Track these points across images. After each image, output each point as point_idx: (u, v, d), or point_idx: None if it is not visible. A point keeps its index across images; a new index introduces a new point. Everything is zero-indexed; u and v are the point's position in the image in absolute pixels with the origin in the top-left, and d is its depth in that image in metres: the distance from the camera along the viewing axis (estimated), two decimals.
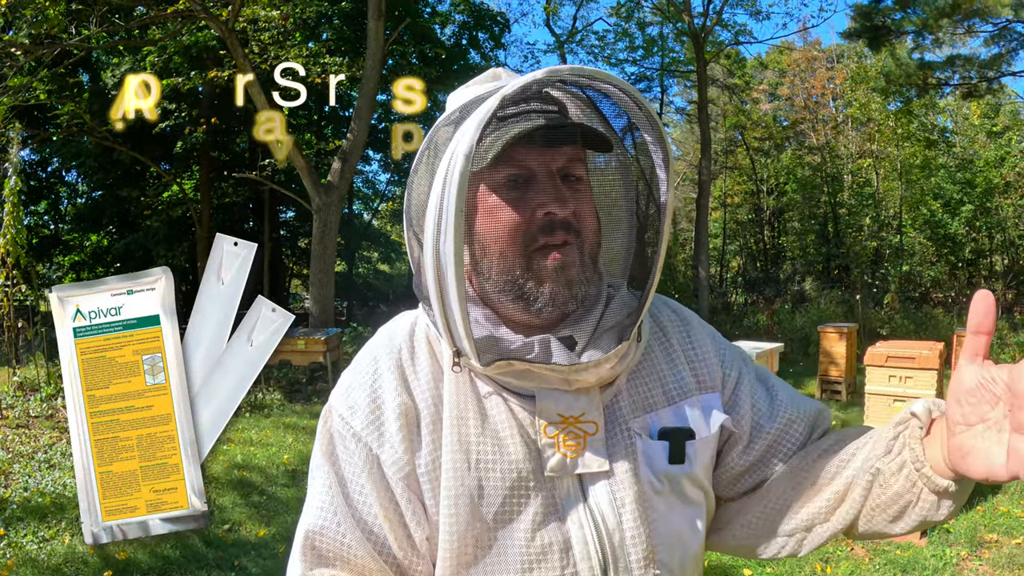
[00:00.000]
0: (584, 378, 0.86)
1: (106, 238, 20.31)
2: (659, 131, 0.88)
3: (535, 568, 0.85)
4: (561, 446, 0.87)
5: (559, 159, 0.87)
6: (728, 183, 26.55)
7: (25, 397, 8.82)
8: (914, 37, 13.27)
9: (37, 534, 4.70)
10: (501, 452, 0.87)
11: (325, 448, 0.92)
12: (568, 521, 0.86)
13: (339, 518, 0.87)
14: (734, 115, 24.03)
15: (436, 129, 0.90)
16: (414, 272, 0.93)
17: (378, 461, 0.88)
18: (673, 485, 0.91)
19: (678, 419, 0.93)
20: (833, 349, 9.45)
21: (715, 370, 1.00)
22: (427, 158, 0.90)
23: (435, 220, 0.82)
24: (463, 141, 0.79)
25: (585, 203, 0.89)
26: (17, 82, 8.33)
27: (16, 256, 8.69)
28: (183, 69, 12.75)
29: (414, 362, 0.93)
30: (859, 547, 4.43)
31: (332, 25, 15.14)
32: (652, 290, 0.90)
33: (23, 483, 5.74)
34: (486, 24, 18.38)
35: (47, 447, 6.85)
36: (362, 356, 0.97)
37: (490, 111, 0.79)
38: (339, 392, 0.95)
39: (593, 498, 0.87)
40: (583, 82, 0.87)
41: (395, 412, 0.89)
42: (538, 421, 0.87)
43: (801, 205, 23.07)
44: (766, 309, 16.09)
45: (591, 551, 0.86)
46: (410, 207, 0.92)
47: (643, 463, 0.90)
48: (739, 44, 19.26)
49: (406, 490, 0.87)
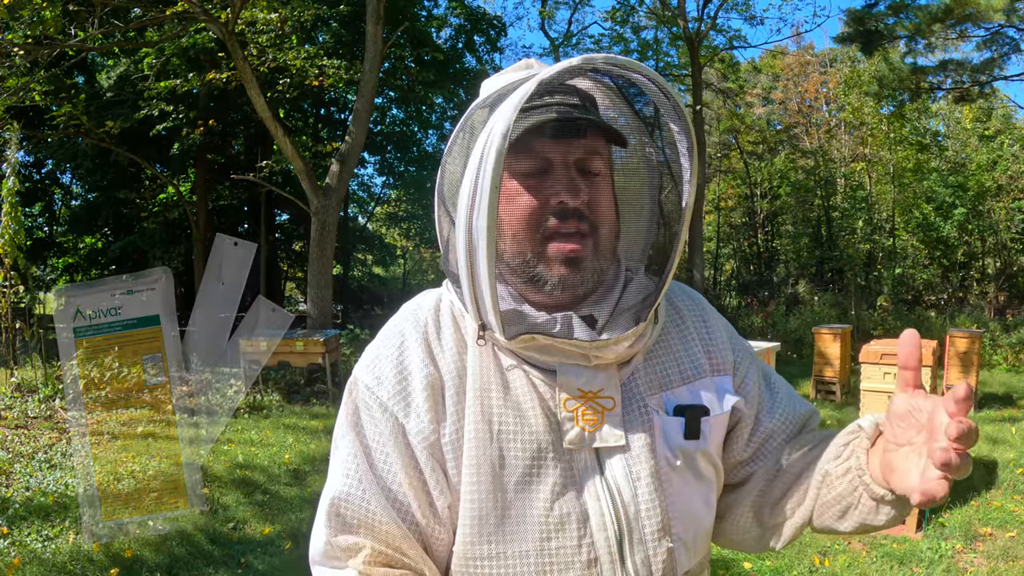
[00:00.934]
0: (603, 355, 0.90)
1: (101, 240, 20.20)
2: (685, 122, 0.92)
3: (553, 537, 0.87)
4: (580, 420, 0.90)
5: (576, 151, 0.91)
6: (722, 186, 26.63)
7: (23, 398, 8.81)
8: (907, 42, 13.37)
9: (41, 533, 4.73)
10: (522, 423, 0.89)
11: (350, 417, 0.94)
12: (585, 493, 0.89)
13: (364, 485, 0.89)
14: (728, 119, 24.13)
15: (471, 112, 0.94)
16: (442, 250, 0.98)
17: (404, 430, 0.90)
18: (688, 461, 0.94)
19: (693, 397, 0.97)
20: (827, 350, 9.53)
21: (727, 355, 1.04)
22: (461, 139, 0.94)
23: (469, 197, 0.85)
24: (500, 121, 0.83)
25: (599, 193, 0.93)
26: (14, 83, 8.31)
27: (14, 258, 8.68)
28: (181, 71, 12.75)
29: (440, 336, 0.95)
30: (856, 541, 4.50)
31: (330, 28, 15.16)
32: (670, 276, 0.94)
33: (25, 483, 5.76)
34: (482, 27, 18.44)
35: (47, 447, 6.85)
36: (388, 330, 0.99)
37: (527, 93, 0.82)
38: (365, 363, 0.97)
39: (610, 471, 0.90)
40: (615, 71, 0.91)
41: (422, 383, 0.91)
42: (559, 395, 0.90)
43: (794, 208, 23.17)
44: (760, 311, 16.17)
45: (607, 522, 0.88)
46: (443, 185, 0.96)
47: (660, 438, 0.92)
48: (733, 48, 19.35)
49: (430, 459, 0.89)
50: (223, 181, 18.06)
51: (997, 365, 11.84)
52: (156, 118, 13.37)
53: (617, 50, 20.03)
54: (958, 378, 8.57)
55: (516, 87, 0.88)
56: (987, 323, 13.62)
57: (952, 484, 0.75)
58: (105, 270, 20.23)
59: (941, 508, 4.89)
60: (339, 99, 18.41)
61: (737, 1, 17.58)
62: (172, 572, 4.14)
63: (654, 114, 0.96)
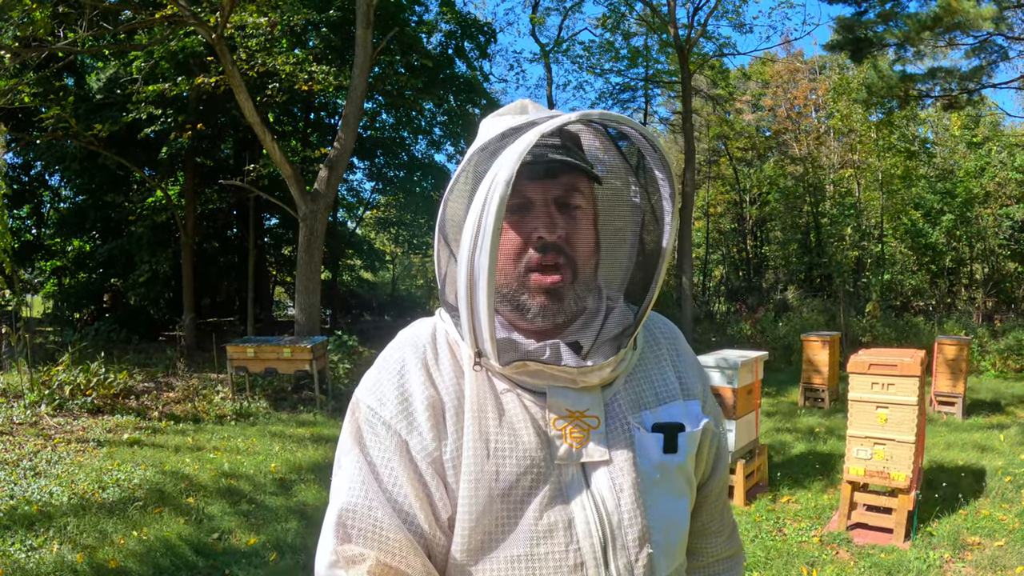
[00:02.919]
0: (589, 379, 0.98)
1: (89, 243, 20.04)
2: (669, 171, 1.01)
3: (542, 543, 0.93)
4: (568, 437, 0.97)
5: (555, 189, 0.99)
6: (711, 193, 26.75)
7: (8, 404, 8.70)
8: (896, 49, 13.42)
9: (25, 543, 4.63)
10: (516, 442, 0.96)
11: (354, 435, 0.99)
12: (572, 503, 0.95)
13: (370, 496, 0.93)
14: (717, 125, 24.22)
15: (473, 155, 1.00)
16: (439, 282, 1.05)
17: (407, 446, 0.95)
18: (666, 474, 1.01)
19: (668, 416, 1.05)
20: (816, 357, 9.56)
21: (696, 384, 1.14)
22: (463, 181, 1.01)
23: (472, 236, 0.92)
24: (504, 168, 0.90)
25: (577, 228, 1.00)
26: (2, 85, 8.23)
27: (1, 262, 8.59)
28: (170, 74, 12.66)
29: (438, 361, 1.01)
30: (844, 551, 4.49)
31: (319, 33, 15.11)
32: (649, 307, 1.03)
33: (8, 491, 5.65)
34: (472, 33, 18.43)
35: (32, 454, 6.74)
36: (387, 356, 1.04)
37: (529, 144, 0.89)
38: (366, 387, 1.02)
39: (595, 484, 0.97)
40: (608, 124, 1.00)
41: (423, 403, 0.97)
42: (548, 415, 0.98)
43: (783, 215, 23.30)
44: (749, 318, 16.21)
45: (592, 530, 0.95)
46: (444, 223, 1.03)
47: (640, 454, 1.00)
48: (723, 56, 19.42)
49: (433, 473, 0.95)
50: (212, 185, 17.97)
51: (985, 371, 11.91)
52: (144, 121, 13.27)
53: (607, 57, 20.11)
54: (947, 385, 8.60)
55: (515, 133, 0.96)
56: (975, 329, 13.71)
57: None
58: (93, 273, 20.09)
59: (929, 517, 4.90)
60: (328, 103, 18.37)
61: (727, 9, 17.68)
62: None
63: (639, 161, 1.05)
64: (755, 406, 6.02)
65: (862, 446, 4.75)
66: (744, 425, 5.74)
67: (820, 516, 5.17)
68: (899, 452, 4.60)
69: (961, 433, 7.61)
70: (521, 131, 0.96)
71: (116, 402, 9.24)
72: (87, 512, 5.19)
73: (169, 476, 6.12)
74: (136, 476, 6.13)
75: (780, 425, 8.35)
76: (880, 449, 4.67)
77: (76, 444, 7.27)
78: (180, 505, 5.38)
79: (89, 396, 9.02)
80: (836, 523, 4.91)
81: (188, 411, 9.13)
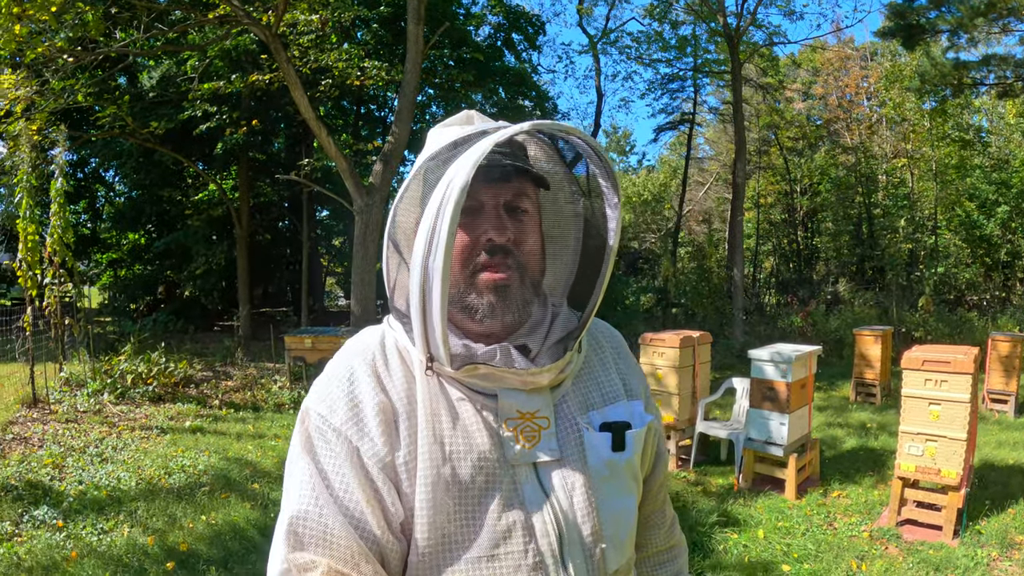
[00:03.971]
0: (537, 380, 1.00)
1: (144, 237, 20.61)
2: (615, 180, 1.05)
3: (501, 544, 0.95)
4: (520, 438, 0.99)
5: (505, 194, 1.01)
6: (762, 183, 26.32)
7: (72, 392, 9.04)
8: (949, 36, 13.10)
9: (96, 526, 4.80)
10: (471, 444, 0.97)
11: (304, 444, 0.98)
12: (527, 503, 0.98)
13: (320, 503, 0.93)
14: (768, 114, 23.80)
15: (423, 164, 1.02)
16: (389, 289, 1.07)
17: (358, 452, 0.95)
18: (614, 471, 1.05)
19: (615, 416, 1.08)
20: (868, 352, 9.45)
21: (639, 385, 1.18)
22: (414, 188, 1.04)
23: (426, 241, 0.94)
24: (459, 176, 0.91)
25: (525, 232, 1.03)
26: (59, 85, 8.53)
27: (63, 256, 8.92)
28: (224, 72, 12.96)
29: (388, 368, 1.02)
30: (893, 546, 4.50)
31: (370, 29, 15.29)
32: (593, 312, 1.06)
33: (77, 476, 5.88)
34: (520, 25, 18.43)
35: (98, 441, 7.00)
36: (336, 365, 1.05)
37: (484, 153, 0.92)
38: (315, 396, 1.02)
39: (547, 483, 0.99)
40: (558, 135, 1.03)
41: (374, 410, 0.97)
42: (500, 417, 1.00)
43: (835, 206, 22.83)
44: (800, 311, 16.01)
45: (548, 529, 0.97)
46: (395, 230, 1.05)
47: (590, 452, 1.03)
48: (773, 45, 19.09)
49: (384, 478, 0.95)
50: (265, 178, 18.32)
51: None
52: (199, 118, 13.60)
53: (656, 47, 19.92)
54: (1000, 383, 8.45)
55: (466, 142, 0.98)
56: None
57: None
58: (148, 266, 20.71)
59: (979, 515, 4.86)
60: (378, 97, 18.56)
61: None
62: (227, 566, 4.22)
63: (586, 170, 1.07)
64: (808, 400, 6.01)
65: (914, 442, 4.74)
66: (796, 419, 5.75)
67: (870, 511, 5.17)
68: (950, 449, 4.58)
69: (1013, 432, 7.49)
70: (472, 141, 0.98)
71: (177, 391, 9.57)
72: (155, 497, 5.39)
73: (233, 462, 6.34)
74: (200, 462, 6.35)
75: (832, 420, 8.30)
76: (931, 446, 4.65)
77: (140, 431, 7.54)
78: (246, 491, 5.57)
79: (150, 385, 9.33)
80: (886, 519, 4.91)
81: (247, 399, 9.41)
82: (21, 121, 8.48)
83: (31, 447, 6.72)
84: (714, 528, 4.80)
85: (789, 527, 4.88)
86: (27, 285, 8.49)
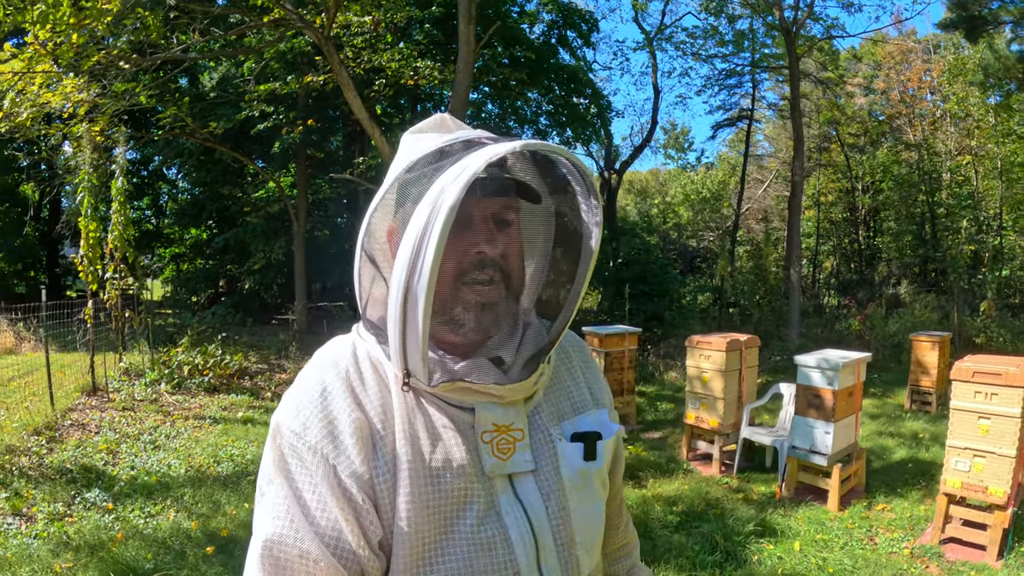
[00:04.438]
0: (513, 395, 1.02)
1: (206, 232, 21.23)
2: (597, 198, 1.04)
3: (482, 556, 0.96)
4: (496, 450, 1.00)
5: (493, 206, 1.01)
6: (822, 180, 25.67)
7: (130, 382, 9.40)
8: (1013, 28, 12.57)
9: (144, 510, 5.03)
10: (449, 458, 0.97)
11: (277, 463, 0.97)
12: (504, 514, 0.99)
13: (296, 526, 0.92)
14: (828, 110, 23.16)
15: (400, 175, 1.00)
16: (361, 300, 1.05)
17: (335, 470, 0.94)
18: (586, 480, 1.07)
19: (586, 426, 1.10)
20: (925, 358, 9.15)
21: (604, 394, 1.21)
22: (389, 199, 1.01)
23: (409, 261, 0.91)
24: (449, 195, 0.89)
25: (513, 245, 1.03)
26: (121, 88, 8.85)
27: (123, 251, 9.29)
28: (280, 74, 13.24)
29: (363, 381, 1.01)
30: (934, 565, 4.36)
31: (423, 29, 15.43)
32: (567, 325, 1.07)
33: (130, 462, 6.15)
34: (574, 22, 18.34)
35: (152, 429, 7.28)
36: (307, 378, 1.02)
37: (476, 172, 0.89)
38: (287, 411, 0.99)
39: (523, 494, 1.01)
40: (548, 155, 1.01)
41: (350, 427, 0.95)
42: (477, 430, 1.00)
43: (897, 204, 22.12)
44: (858, 313, 15.57)
45: (525, 539, 0.99)
46: (371, 243, 1.03)
47: (563, 462, 1.05)
48: (832, 38, 18.57)
49: (363, 495, 0.94)
50: (322, 176, 18.66)
51: None
52: (257, 118, 13.93)
53: (712, 42, 19.61)
54: None
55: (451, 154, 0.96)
56: None
57: None
58: (210, 260, 21.37)
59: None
60: (434, 95, 18.70)
61: None
62: None
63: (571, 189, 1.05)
64: (855, 409, 5.86)
65: (961, 457, 4.58)
66: (842, 428, 5.61)
67: (914, 527, 5.01)
68: (998, 466, 4.42)
69: None
70: (456, 153, 0.96)
71: (231, 382, 9.85)
72: (202, 484, 5.58)
73: None
74: (249, 452, 6.53)
75: (883, 428, 8.07)
76: (979, 462, 4.49)
77: (193, 420, 7.80)
78: None
79: (206, 376, 9.63)
80: (929, 536, 4.75)
81: None
82: (84, 123, 8.86)
83: (88, 433, 7.02)
84: (749, 538, 4.72)
85: (828, 540, 4.76)
86: (88, 279, 8.88)
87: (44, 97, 7.73)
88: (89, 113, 8.79)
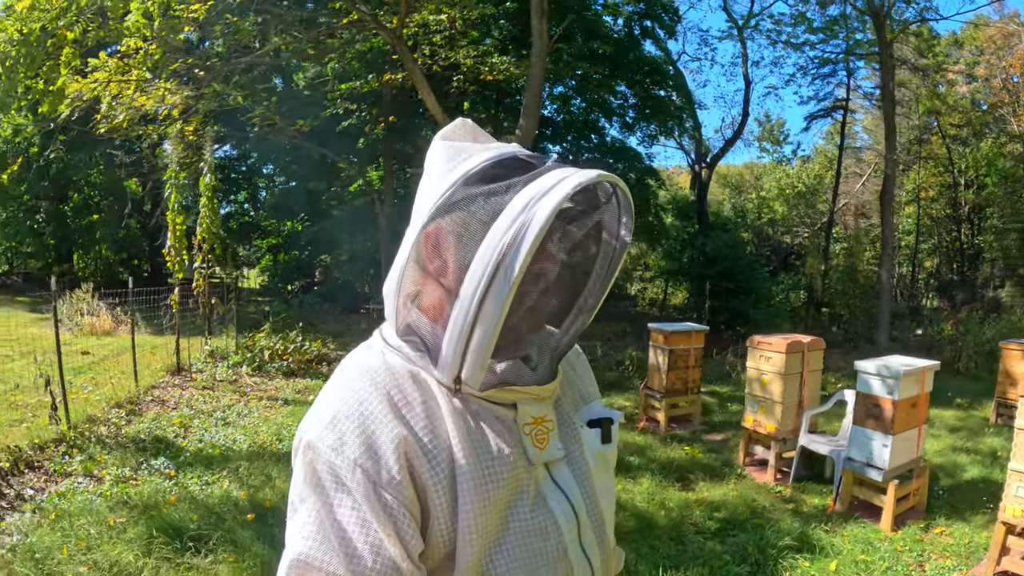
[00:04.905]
0: (548, 392, 1.12)
1: (300, 224, 22.19)
2: (631, 225, 1.10)
3: (535, 540, 1.05)
4: (535, 442, 1.09)
5: (557, 229, 1.07)
6: (923, 175, 24.16)
7: (214, 364, 9.99)
8: None
9: (202, 478, 5.39)
10: (502, 454, 1.04)
11: (310, 480, 0.96)
12: (549, 499, 1.08)
13: (325, 547, 0.92)
14: (928, 99, 21.76)
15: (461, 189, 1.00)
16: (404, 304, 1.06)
17: (375, 486, 0.93)
18: (603, 461, 1.18)
19: (596, 413, 1.21)
20: (1014, 368, 8.57)
21: (595, 385, 1.32)
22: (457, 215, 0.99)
23: (489, 272, 0.93)
24: (538, 220, 0.92)
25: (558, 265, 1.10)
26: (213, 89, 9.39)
27: (211, 243, 9.87)
28: (361, 72, 13.64)
29: (405, 396, 1.01)
30: None
31: (499, 25, 15.54)
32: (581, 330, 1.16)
33: (199, 436, 6.61)
34: (657, 13, 18.02)
35: (226, 407, 7.75)
36: (341, 392, 1.02)
37: (566, 196, 0.93)
38: (318, 426, 0.98)
39: (560, 478, 1.11)
40: (612, 183, 1.05)
41: (392, 443, 0.95)
42: (519, 425, 1.09)
43: (1002, 200, 20.58)
44: (951, 316, 14.63)
45: (569, 519, 1.09)
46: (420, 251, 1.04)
47: (586, 447, 1.16)
48: (924, 21, 17.44)
49: (406, 512, 0.95)
50: (407, 170, 19.12)
51: None
52: (341, 116, 14.40)
53: (801, 29, 18.86)
54: None
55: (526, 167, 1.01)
56: None
57: None
58: (303, 251, 22.32)
59: None
60: (520, 89, 18.80)
61: None
62: None
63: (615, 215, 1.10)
64: (919, 422, 5.51)
65: (1023, 484, 4.24)
66: (902, 442, 5.30)
67: (971, 556, 4.67)
68: None
69: None
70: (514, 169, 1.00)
71: (309, 367, 10.29)
72: (260, 458, 5.90)
73: None
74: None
75: (960, 443, 7.57)
76: None
77: (266, 401, 8.23)
78: None
79: (286, 360, 10.11)
80: (984, 567, 4.41)
81: None
82: (178, 123, 9.44)
83: (166, 408, 7.54)
84: (784, 552, 4.55)
85: (870, 562, 4.51)
86: (174, 268, 9.49)
87: (139, 100, 8.31)
88: (183, 114, 9.36)
